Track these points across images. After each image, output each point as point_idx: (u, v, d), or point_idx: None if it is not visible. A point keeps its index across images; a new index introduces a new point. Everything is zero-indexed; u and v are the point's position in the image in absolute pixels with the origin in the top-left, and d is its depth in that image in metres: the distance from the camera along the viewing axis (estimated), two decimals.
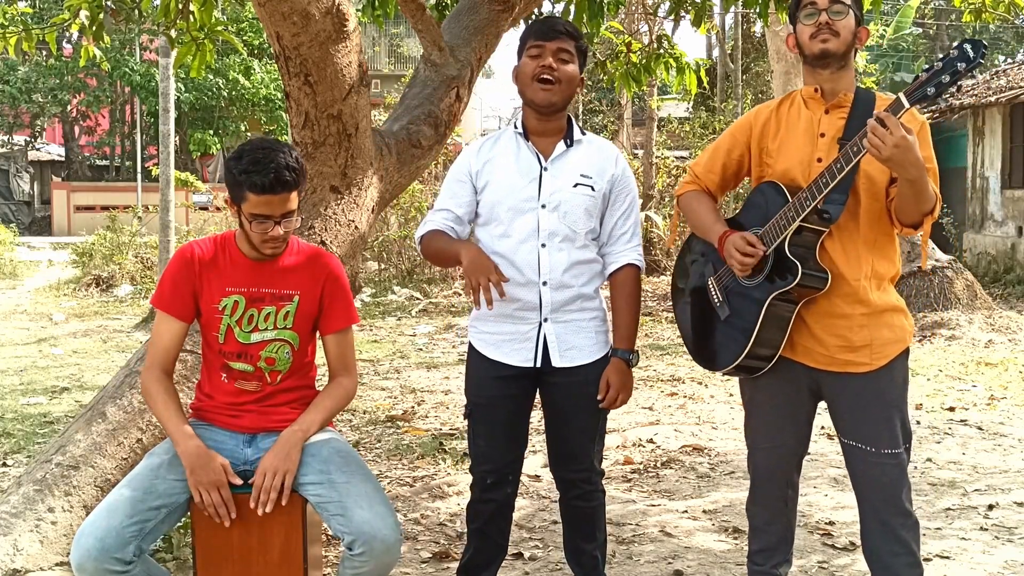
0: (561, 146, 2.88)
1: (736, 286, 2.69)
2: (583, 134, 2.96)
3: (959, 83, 2.32)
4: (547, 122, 2.87)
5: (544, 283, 2.83)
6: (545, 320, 2.85)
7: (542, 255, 2.83)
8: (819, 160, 2.60)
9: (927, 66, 2.37)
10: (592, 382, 2.87)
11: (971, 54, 2.26)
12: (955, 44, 2.33)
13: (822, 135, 2.62)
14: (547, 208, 2.83)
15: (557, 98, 2.82)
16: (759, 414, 2.80)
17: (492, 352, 2.89)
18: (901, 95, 2.36)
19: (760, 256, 2.58)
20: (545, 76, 2.79)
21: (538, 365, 2.85)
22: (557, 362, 2.85)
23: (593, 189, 2.87)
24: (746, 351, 2.63)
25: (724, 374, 2.81)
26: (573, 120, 2.96)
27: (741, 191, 14.14)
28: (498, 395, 2.89)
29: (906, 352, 2.66)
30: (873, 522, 2.64)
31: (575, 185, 2.85)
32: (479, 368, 2.93)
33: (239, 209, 2.60)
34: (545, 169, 2.86)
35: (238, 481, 2.56)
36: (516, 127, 2.92)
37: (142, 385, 2.70)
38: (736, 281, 2.69)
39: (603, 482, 3.03)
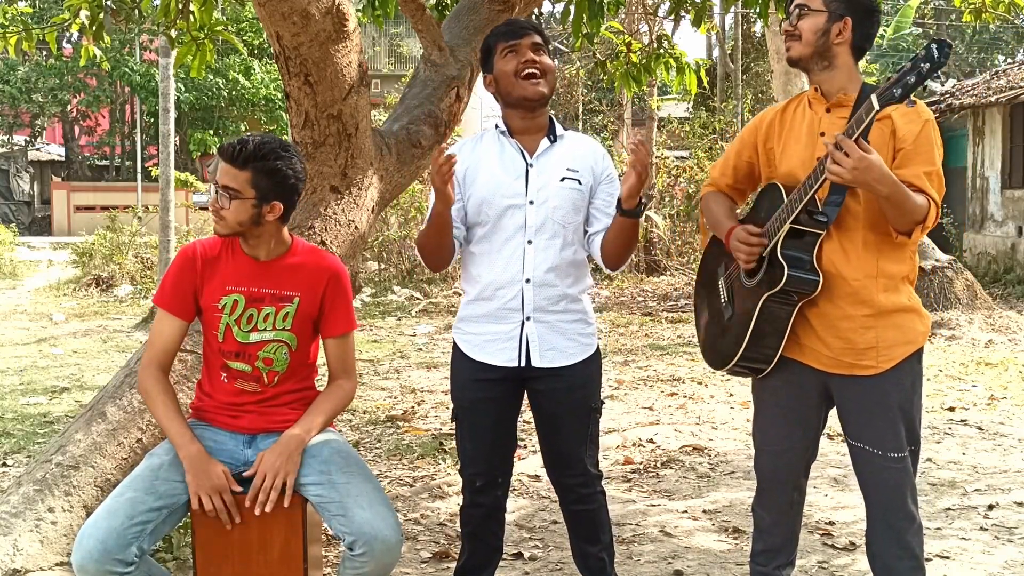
0: (545, 142, 2.88)
1: (739, 286, 2.68)
2: (564, 130, 2.96)
3: (925, 83, 2.31)
4: (532, 119, 2.87)
5: (527, 280, 2.82)
6: (527, 319, 2.83)
7: (528, 252, 2.82)
8: (819, 159, 2.59)
9: (900, 67, 2.37)
10: (576, 386, 2.86)
11: (936, 55, 2.26)
12: (924, 45, 2.33)
13: (822, 134, 2.60)
14: (535, 204, 2.82)
15: (547, 89, 2.83)
16: (767, 415, 2.77)
17: (476, 353, 2.87)
18: (872, 97, 2.34)
19: (763, 246, 2.57)
20: (530, 70, 2.79)
21: (521, 365, 2.83)
22: (537, 362, 2.83)
23: (580, 183, 2.86)
24: (740, 353, 2.62)
25: (727, 373, 2.80)
26: (554, 117, 2.96)
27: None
28: (482, 398, 2.87)
29: (917, 354, 2.61)
30: (879, 524, 2.62)
31: (562, 179, 2.84)
32: (463, 370, 2.91)
33: None
34: (531, 165, 2.85)
35: (239, 489, 2.55)
36: (498, 127, 2.92)
37: (139, 383, 2.69)
38: (740, 281, 2.68)
39: (603, 483, 3.01)
